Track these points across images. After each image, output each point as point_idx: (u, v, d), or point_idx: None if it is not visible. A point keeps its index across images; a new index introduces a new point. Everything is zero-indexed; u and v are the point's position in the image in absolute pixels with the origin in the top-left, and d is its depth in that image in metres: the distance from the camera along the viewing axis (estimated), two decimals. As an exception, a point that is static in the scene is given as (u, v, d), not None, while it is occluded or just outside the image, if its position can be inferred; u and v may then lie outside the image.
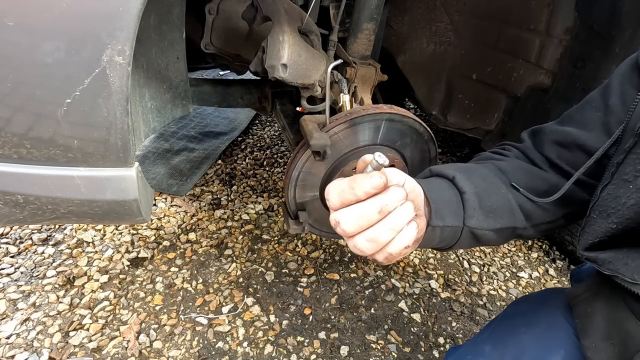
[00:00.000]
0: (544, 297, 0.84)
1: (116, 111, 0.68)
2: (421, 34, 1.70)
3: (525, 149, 0.76)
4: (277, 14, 0.92)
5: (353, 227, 0.48)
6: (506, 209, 0.66)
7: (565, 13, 1.28)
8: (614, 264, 0.58)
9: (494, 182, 0.68)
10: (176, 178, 2.03)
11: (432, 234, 0.61)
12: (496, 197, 0.66)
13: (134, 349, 1.27)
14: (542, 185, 0.69)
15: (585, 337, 0.67)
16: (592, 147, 0.64)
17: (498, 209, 0.66)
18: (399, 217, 0.48)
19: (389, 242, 0.49)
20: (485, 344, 0.80)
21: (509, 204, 0.67)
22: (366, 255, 0.50)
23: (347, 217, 0.48)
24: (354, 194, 0.47)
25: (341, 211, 0.49)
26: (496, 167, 0.71)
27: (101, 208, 0.82)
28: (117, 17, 0.61)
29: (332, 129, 0.97)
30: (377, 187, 0.46)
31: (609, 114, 0.63)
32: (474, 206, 0.64)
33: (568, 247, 1.79)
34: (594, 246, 0.61)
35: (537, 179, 0.70)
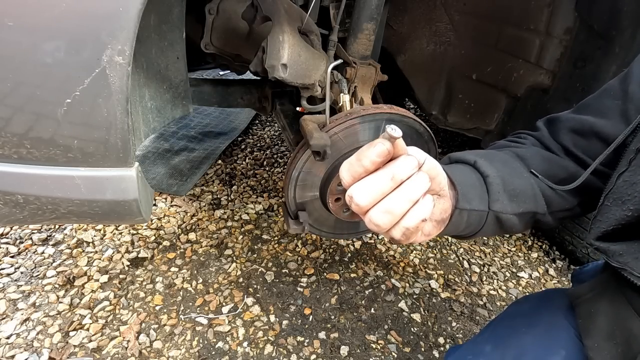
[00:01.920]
0: (545, 297, 0.84)
1: (116, 111, 0.68)
2: (421, 34, 1.70)
3: (541, 137, 0.75)
4: (277, 14, 0.92)
5: (367, 200, 0.46)
6: (529, 193, 0.66)
7: (565, 13, 1.28)
8: (624, 257, 0.58)
9: (515, 166, 0.67)
10: (176, 178, 2.03)
11: (459, 219, 0.59)
12: (519, 181, 0.65)
13: (134, 349, 1.27)
14: (560, 172, 0.68)
15: (588, 337, 0.67)
16: (610, 134, 0.63)
17: (521, 193, 0.65)
18: (413, 186, 0.46)
19: (404, 213, 0.47)
20: (485, 344, 0.80)
21: (532, 188, 0.66)
22: (383, 232, 0.48)
23: (359, 190, 0.47)
24: (362, 165, 0.46)
25: (354, 185, 0.47)
26: (514, 154, 0.70)
27: (101, 208, 0.82)
28: (117, 17, 0.61)
29: (332, 129, 0.97)
30: (381, 154, 0.45)
31: (627, 102, 0.63)
32: (498, 189, 0.62)
33: (568, 247, 1.79)
34: (607, 235, 0.60)
35: (555, 166, 0.69)
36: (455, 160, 0.69)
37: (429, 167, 0.50)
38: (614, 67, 1.19)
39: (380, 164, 0.46)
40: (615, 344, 0.62)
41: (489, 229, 0.65)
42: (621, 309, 0.63)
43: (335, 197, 1.05)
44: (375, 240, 1.83)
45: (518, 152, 0.71)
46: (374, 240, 1.83)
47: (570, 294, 0.76)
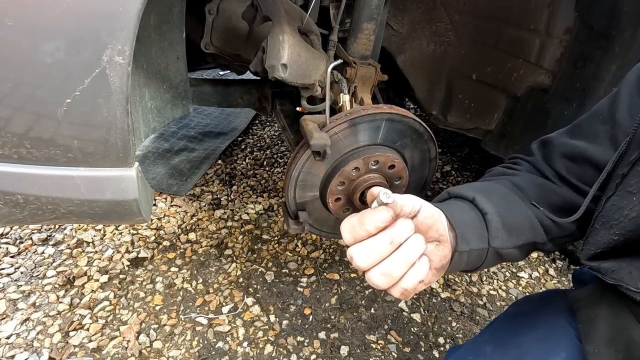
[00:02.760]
0: (546, 298, 0.84)
1: (116, 111, 0.68)
2: (421, 34, 1.70)
3: (535, 163, 0.76)
4: (277, 14, 0.92)
5: (367, 261, 0.49)
6: (527, 226, 0.66)
7: (565, 13, 1.28)
8: (617, 273, 0.58)
9: (512, 199, 0.67)
10: (176, 178, 2.03)
11: (459, 259, 0.60)
12: (517, 214, 0.66)
13: (134, 349, 1.27)
14: (556, 199, 0.69)
15: (589, 342, 0.67)
16: (600, 160, 0.63)
17: (520, 226, 0.65)
18: (410, 249, 0.49)
19: (402, 276, 0.50)
20: (486, 345, 0.80)
21: (530, 220, 0.66)
22: (382, 290, 0.51)
23: (360, 252, 0.50)
24: (365, 229, 0.49)
25: (355, 246, 0.51)
26: (511, 184, 0.71)
27: (101, 208, 0.82)
28: (117, 17, 0.61)
29: (332, 129, 0.97)
30: (386, 221, 0.48)
31: (616, 127, 0.63)
32: (497, 226, 0.63)
33: (568, 247, 1.79)
34: (597, 256, 0.61)
35: (551, 194, 0.70)
36: (454, 195, 0.69)
37: (425, 215, 0.53)
38: (614, 67, 1.19)
39: (382, 229, 0.49)
40: (615, 351, 0.62)
41: (490, 262, 0.66)
42: (621, 316, 0.63)
43: (336, 197, 1.05)
44: (375, 240, 1.83)
45: (515, 182, 0.71)
46: (374, 240, 1.83)
47: (570, 297, 0.75)
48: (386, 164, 1.03)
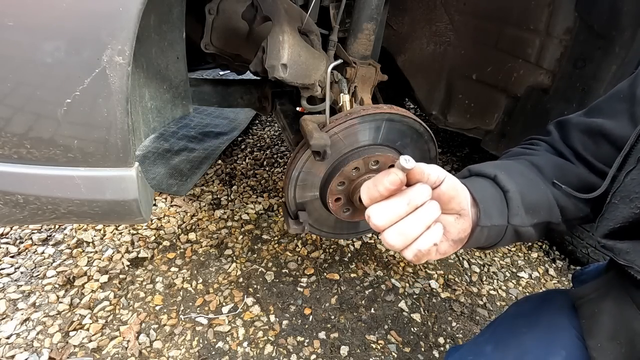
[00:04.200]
0: (546, 298, 0.84)
1: (116, 111, 0.68)
2: (421, 34, 1.70)
3: (552, 142, 0.76)
4: (277, 14, 0.92)
5: (383, 220, 0.51)
6: (545, 205, 0.68)
7: (565, 13, 1.28)
8: (631, 255, 0.58)
9: (532, 178, 0.68)
10: (176, 178, 2.03)
11: (480, 234, 0.62)
12: (536, 193, 0.67)
13: (134, 349, 1.27)
14: (573, 179, 0.69)
15: (591, 338, 0.67)
16: (618, 136, 0.64)
17: (538, 205, 0.67)
18: (427, 212, 0.50)
19: (417, 236, 0.51)
20: (486, 345, 0.80)
21: (548, 200, 0.68)
22: (397, 250, 0.52)
23: (377, 211, 0.51)
24: (377, 190, 0.50)
25: (373, 206, 0.52)
26: (530, 163, 0.71)
27: (101, 208, 0.82)
28: (117, 17, 0.61)
29: (331, 129, 0.97)
30: (394, 183, 0.48)
31: (635, 104, 0.64)
32: (517, 204, 0.64)
33: (568, 247, 1.79)
34: (614, 233, 0.61)
35: (569, 173, 0.70)
36: (475, 173, 0.69)
37: (448, 186, 0.53)
38: (614, 67, 1.19)
39: (394, 192, 0.50)
40: (618, 344, 0.63)
41: (507, 240, 0.67)
42: (626, 309, 0.63)
43: (336, 197, 1.05)
44: (375, 240, 1.83)
45: (533, 161, 0.71)
46: (374, 240, 1.83)
47: (572, 294, 0.76)
48: (386, 163, 1.03)
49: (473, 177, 0.68)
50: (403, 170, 0.48)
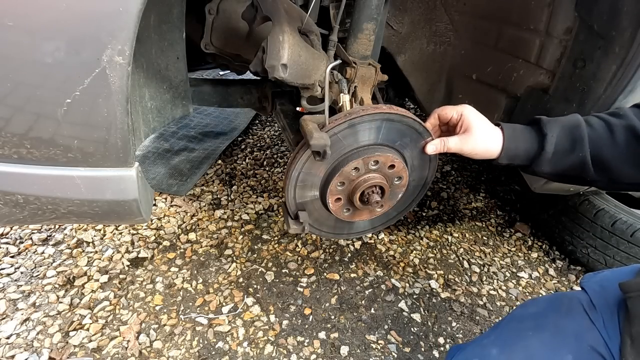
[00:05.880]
0: (553, 300, 0.83)
1: (116, 111, 0.68)
2: (421, 34, 1.70)
3: None
4: (277, 14, 0.92)
5: None
6: (576, 167, 0.79)
7: (565, 13, 1.28)
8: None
9: (580, 138, 0.79)
10: (176, 178, 2.03)
11: (497, 163, 0.87)
12: (572, 158, 0.79)
13: (134, 349, 1.27)
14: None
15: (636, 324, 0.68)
16: None
17: (567, 167, 0.81)
18: None
19: None
20: (492, 347, 0.79)
21: (581, 165, 0.79)
22: None
23: None
24: None
25: None
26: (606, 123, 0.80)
27: (101, 208, 0.82)
28: (117, 17, 0.61)
29: (331, 129, 0.97)
30: None
31: None
32: (547, 161, 0.81)
33: (568, 247, 1.79)
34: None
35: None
36: (536, 122, 0.86)
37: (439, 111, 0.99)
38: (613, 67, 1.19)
39: None
40: None
41: (524, 171, 0.88)
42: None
43: (336, 197, 1.05)
44: (375, 240, 1.83)
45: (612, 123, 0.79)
46: (374, 240, 1.83)
47: (623, 285, 0.75)
48: (386, 163, 1.03)
49: (529, 127, 0.86)
50: None
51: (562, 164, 0.81)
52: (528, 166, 0.85)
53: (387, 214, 1.23)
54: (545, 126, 0.82)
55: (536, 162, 0.83)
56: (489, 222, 2.05)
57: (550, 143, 0.80)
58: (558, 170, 0.82)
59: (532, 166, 0.84)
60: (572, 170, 0.81)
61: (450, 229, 1.96)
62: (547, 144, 0.81)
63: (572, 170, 0.81)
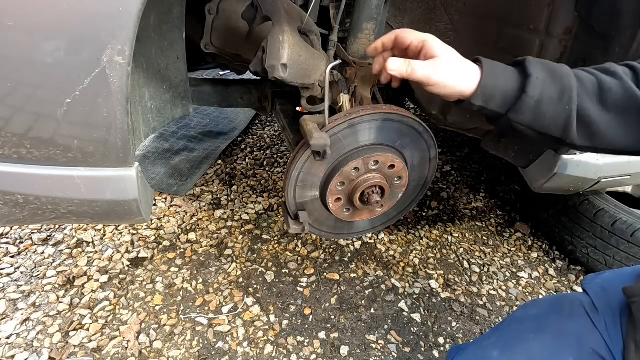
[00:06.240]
0: (554, 302, 0.83)
1: (116, 111, 0.68)
2: (421, 34, 1.70)
3: None
4: (277, 14, 0.92)
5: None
6: (561, 123, 0.69)
7: (565, 13, 1.27)
8: None
9: (569, 87, 0.68)
10: (176, 178, 2.03)
11: (468, 106, 0.73)
12: (556, 110, 0.68)
13: (134, 349, 1.27)
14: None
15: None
16: None
17: (549, 121, 0.69)
18: None
19: None
20: (493, 349, 0.79)
21: (564, 121, 0.69)
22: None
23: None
24: None
25: None
26: (598, 80, 0.70)
27: (101, 208, 0.82)
28: (117, 17, 0.61)
29: (331, 129, 0.97)
30: None
31: None
32: (528, 108, 0.68)
33: (568, 247, 1.79)
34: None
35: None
36: (521, 63, 0.73)
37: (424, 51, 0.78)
38: (614, 67, 1.19)
39: None
40: None
41: (502, 126, 0.74)
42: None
43: (336, 197, 1.05)
44: (375, 240, 1.83)
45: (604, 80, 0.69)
46: (374, 240, 1.83)
47: (627, 290, 0.74)
48: (386, 163, 1.03)
49: (513, 67, 0.73)
50: None
51: (546, 115, 0.70)
52: (503, 114, 0.72)
53: (387, 213, 1.23)
54: (531, 66, 0.70)
55: (515, 107, 0.70)
56: (489, 222, 2.05)
57: (535, 86, 0.69)
58: (539, 121, 0.70)
59: (508, 113, 0.71)
60: (554, 125, 0.70)
61: (450, 229, 1.96)
62: (530, 86, 0.69)
63: (554, 125, 0.70)
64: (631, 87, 0.67)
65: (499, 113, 0.72)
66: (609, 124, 0.68)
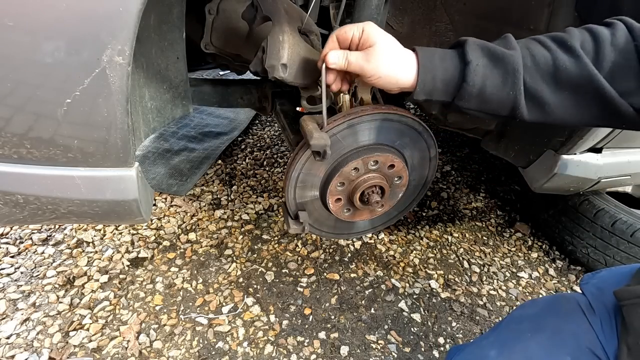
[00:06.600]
0: (552, 302, 0.83)
1: (116, 111, 0.68)
2: (421, 34, 1.70)
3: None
4: (277, 14, 0.92)
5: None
6: (506, 107, 0.67)
7: (565, 13, 1.28)
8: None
9: (514, 70, 0.64)
10: (176, 178, 2.03)
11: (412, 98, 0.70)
12: (501, 95, 0.66)
13: (134, 349, 1.27)
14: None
15: (632, 335, 0.66)
16: None
17: (497, 105, 0.67)
18: None
19: None
20: (491, 349, 0.79)
21: (513, 105, 0.66)
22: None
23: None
24: None
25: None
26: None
27: (101, 208, 0.82)
28: (117, 17, 0.61)
29: (330, 130, 0.97)
30: None
31: None
32: (471, 96, 0.66)
33: (568, 247, 1.79)
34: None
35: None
36: (460, 45, 0.69)
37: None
38: (613, 67, 1.19)
39: None
40: None
41: (450, 110, 0.73)
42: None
43: (336, 198, 1.05)
44: (375, 240, 1.83)
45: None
46: (374, 240, 1.83)
47: (618, 293, 0.73)
48: (385, 163, 1.03)
49: (454, 50, 0.69)
50: None
51: (491, 99, 0.67)
52: (450, 103, 0.70)
53: (388, 213, 1.23)
54: (470, 51, 0.66)
55: (459, 95, 0.68)
56: (489, 222, 2.05)
57: (476, 73, 0.65)
58: (485, 105, 0.68)
59: (454, 101, 0.69)
60: (501, 108, 0.68)
61: (450, 229, 1.96)
62: (470, 75, 0.65)
63: (501, 108, 0.68)
64: (587, 65, 0.63)
65: (447, 101, 0.71)
66: (561, 103, 0.66)
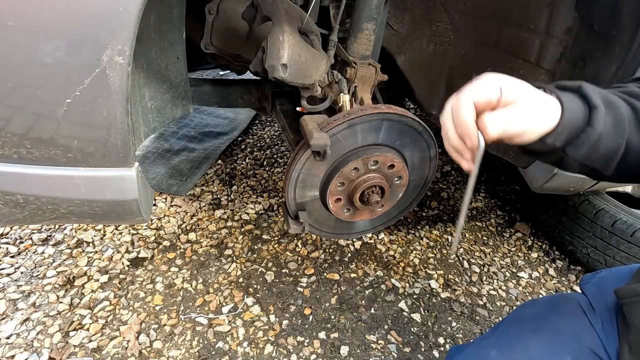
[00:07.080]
0: (552, 302, 0.83)
1: (116, 111, 0.68)
2: (421, 34, 1.70)
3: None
4: (277, 14, 0.92)
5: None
6: (608, 157, 0.60)
7: (565, 13, 1.28)
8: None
9: (622, 119, 0.60)
10: (176, 178, 2.03)
11: (536, 145, 0.61)
12: (611, 144, 0.60)
13: (134, 349, 1.27)
14: None
15: (633, 333, 0.66)
16: None
17: (601, 155, 0.60)
18: None
19: None
20: (491, 349, 0.79)
21: (614, 154, 0.60)
22: None
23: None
24: None
25: None
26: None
27: (101, 208, 0.82)
28: (117, 17, 0.61)
29: (330, 130, 0.97)
30: None
31: None
32: (589, 143, 0.59)
33: (568, 247, 1.79)
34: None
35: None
36: (581, 92, 0.63)
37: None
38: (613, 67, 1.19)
39: None
40: None
41: (550, 159, 0.65)
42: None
43: (336, 198, 1.05)
44: (375, 240, 1.83)
45: None
46: (374, 240, 1.83)
47: (619, 291, 0.72)
48: (385, 163, 1.04)
49: (576, 95, 0.62)
50: None
51: (600, 149, 0.60)
52: (558, 149, 0.61)
53: (388, 213, 1.24)
54: (593, 95, 0.60)
55: (576, 142, 0.59)
56: (489, 222, 2.05)
57: (599, 119, 0.58)
58: (592, 155, 0.61)
59: (567, 148, 0.60)
60: (601, 158, 0.61)
61: (450, 229, 1.96)
62: (596, 120, 0.58)
63: (601, 158, 0.61)
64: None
65: (556, 148, 0.60)
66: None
